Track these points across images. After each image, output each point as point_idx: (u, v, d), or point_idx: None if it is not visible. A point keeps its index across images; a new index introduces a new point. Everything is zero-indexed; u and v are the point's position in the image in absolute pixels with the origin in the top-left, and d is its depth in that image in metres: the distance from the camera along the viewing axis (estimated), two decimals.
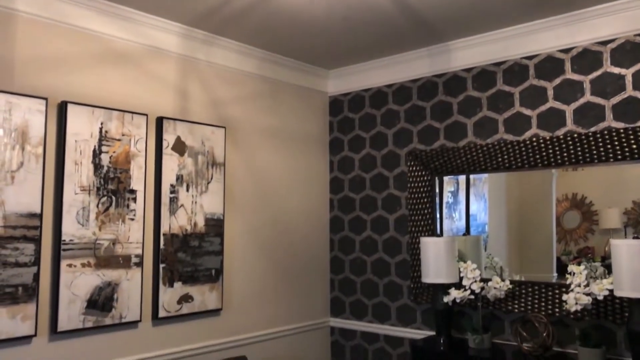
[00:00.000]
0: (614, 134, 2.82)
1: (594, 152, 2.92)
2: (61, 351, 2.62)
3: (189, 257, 3.14)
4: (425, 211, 3.58)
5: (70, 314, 2.63)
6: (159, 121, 3.08)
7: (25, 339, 2.49)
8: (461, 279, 3.20)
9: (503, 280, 3.11)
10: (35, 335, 2.50)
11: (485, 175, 3.47)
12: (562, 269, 3.04)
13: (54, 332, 2.58)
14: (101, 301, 2.75)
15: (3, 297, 2.41)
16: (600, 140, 2.88)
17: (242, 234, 3.51)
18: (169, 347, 3.05)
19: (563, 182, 3.16)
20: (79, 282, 2.67)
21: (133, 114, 2.93)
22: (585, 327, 2.89)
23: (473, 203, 3.52)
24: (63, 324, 2.61)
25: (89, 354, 2.72)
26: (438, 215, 3.59)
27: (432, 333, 3.48)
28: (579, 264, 2.86)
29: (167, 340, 3.04)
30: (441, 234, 3.55)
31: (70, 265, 2.65)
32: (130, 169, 2.91)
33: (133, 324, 2.89)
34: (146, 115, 2.99)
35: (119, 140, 2.87)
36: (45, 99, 2.59)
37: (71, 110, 2.69)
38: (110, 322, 2.78)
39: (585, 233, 3.06)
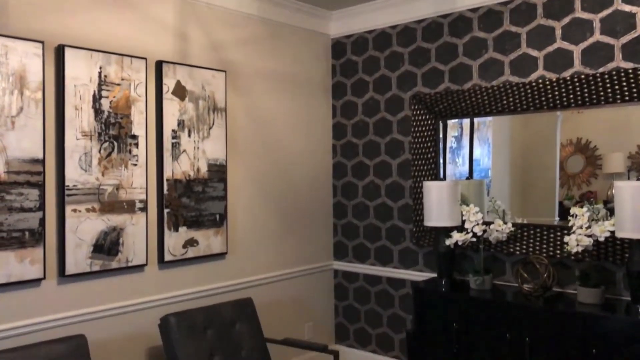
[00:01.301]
0: (623, 74, 2.77)
1: (601, 93, 2.87)
2: (70, 294, 2.68)
3: (193, 203, 3.16)
4: (429, 155, 3.57)
5: (77, 258, 2.67)
6: (159, 65, 3.02)
7: (35, 282, 2.54)
8: (463, 222, 3.22)
9: (505, 223, 3.13)
10: (44, 278, 2.55)
11: (489, 119, 3.43)
12: (564, 214, 3.05)
13: (62, 275, 2.63)
14: (107, 245, 2.78)
15: (11, 241, 2.44)
16: (608, 81, 2.82)
17: (245, 180, 3.51)
18: (175, 290, 3.11)
19: (568, 126, 3.13)
20: (85, 227, 2.70)
21: (132, 57, 2.88)
22: (585, 267, 2.93)
23: (476, 147, 3.50)
24: (70, 268, 2.65)
25: (97, 296, 2.78)
26: (441, 160, 3.58)
27: (434, 275, 3.53)
28: (581, 206, 2.87)
29: (174, 283, 3.10)
30: (444, 179, 3.55)
31: (75, 211, 2.66)
32: (131, 114, 2.88)
33: (139, 267, 2.94)
34: (145, 59, 2.94)
35: (118, 84, 2.83)
36: (42, 42, 2.53)
37: (69, 54, 2.64)
38: (117, 266, 2.83)
39: (588, 177, 3.05)
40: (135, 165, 2.89)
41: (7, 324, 2.45)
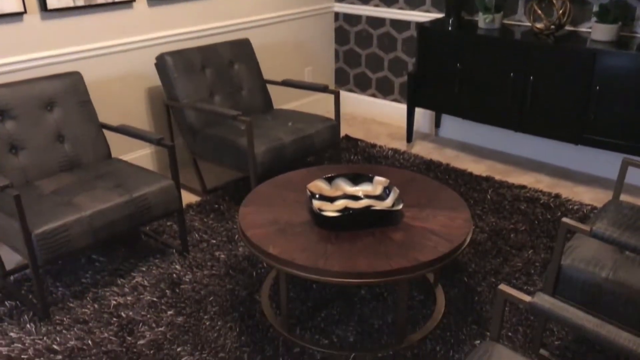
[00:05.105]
0: None
1: None
2: (57, 30, 2.53)
3: None
4: None
5: None
6: None
7: (16, 16, 2.37)
8: None
9: None
10: (25, 12, 2.38)
11: None
12: None
13: (45, 9, 2.45)
14: None
15: None
16: None
17: None
18: (168, 29, 2.95)
19: None
20: None
21: None
22: (605, 2, 2.73)
23: None
24: (53, 2, 2.45)
25: (87, 34, 2.64)
26: None
27: (441, 15, 3.34)
28: None
29: (166, 22, 2.93)
30: None
31: None
32: None
33: (127, 3, 2.73)
34: None
35: None
36: None
37: None
38: (103, 1, 2.62)
39: None
40: None
41: None
